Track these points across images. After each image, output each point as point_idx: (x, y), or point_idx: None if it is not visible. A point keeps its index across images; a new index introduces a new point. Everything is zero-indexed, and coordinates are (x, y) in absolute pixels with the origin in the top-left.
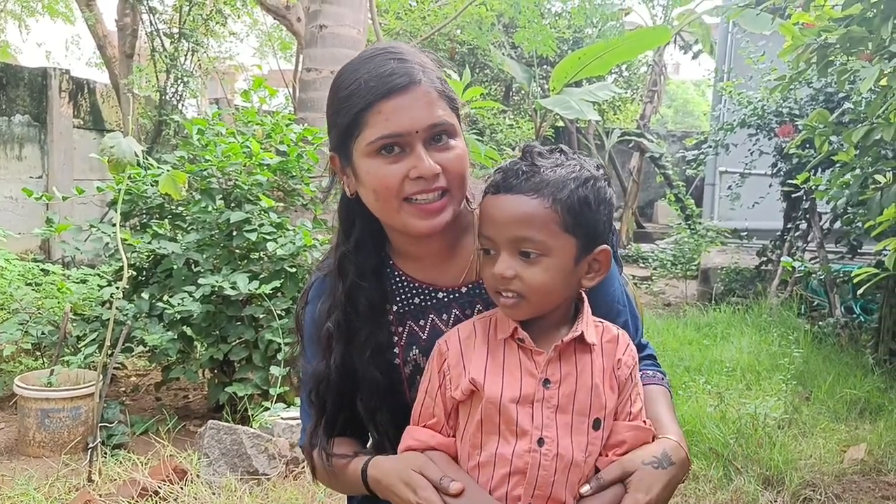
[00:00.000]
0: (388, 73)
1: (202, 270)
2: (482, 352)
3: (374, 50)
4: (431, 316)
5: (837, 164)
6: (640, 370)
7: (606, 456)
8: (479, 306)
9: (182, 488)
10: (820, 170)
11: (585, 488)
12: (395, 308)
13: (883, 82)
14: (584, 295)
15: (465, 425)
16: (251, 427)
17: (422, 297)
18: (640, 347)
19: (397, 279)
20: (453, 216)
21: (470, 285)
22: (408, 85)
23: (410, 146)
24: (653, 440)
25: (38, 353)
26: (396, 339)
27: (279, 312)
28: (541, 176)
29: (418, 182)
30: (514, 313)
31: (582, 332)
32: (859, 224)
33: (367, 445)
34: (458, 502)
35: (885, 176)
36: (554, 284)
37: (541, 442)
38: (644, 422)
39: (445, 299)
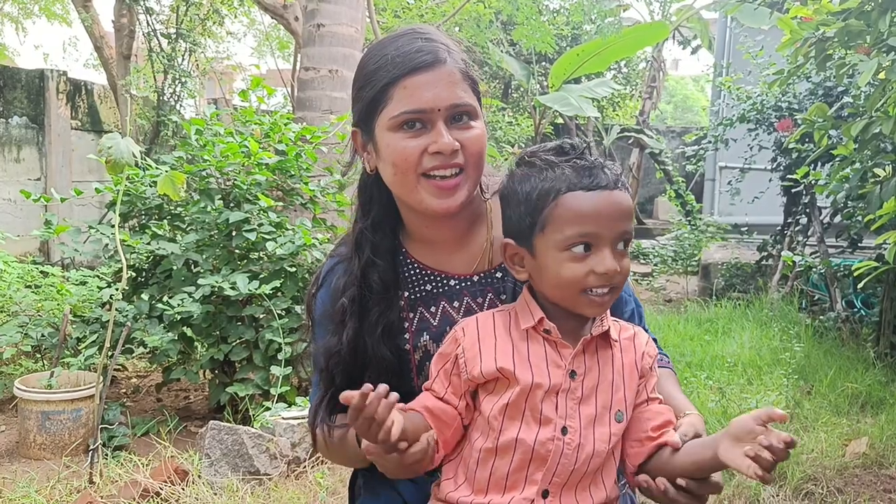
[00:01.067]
0: (415, 50)
1: (202, 271)
2: (505, 341)
3: (402, 30)
4: (443, 303)
5: (837, 158)
6: None
7: (653, 439)
8: (490, 294)
9: (183, 489)
10: (819, 164)
11: (675, 437)
12: (406, 294)
13: (881, 76)
14: None
15: (486, 408)
16: (252, 427)
17: (433, 284)
18: None
19: (409, 266)
20: (468, 197)
21: (482, 274)
22: (433, 63)
23: (432, 122)
24: None
25: (38, 356)
26: (407, 325)
27: (279, 312)
28: (619, 172)
29: (436, 157)
30: (602, 309)
31: (609, 328)
32: (859, 218)
33: None
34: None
35: (884, 169)
36: None
37: (564, 431)
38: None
39: (457, 287)
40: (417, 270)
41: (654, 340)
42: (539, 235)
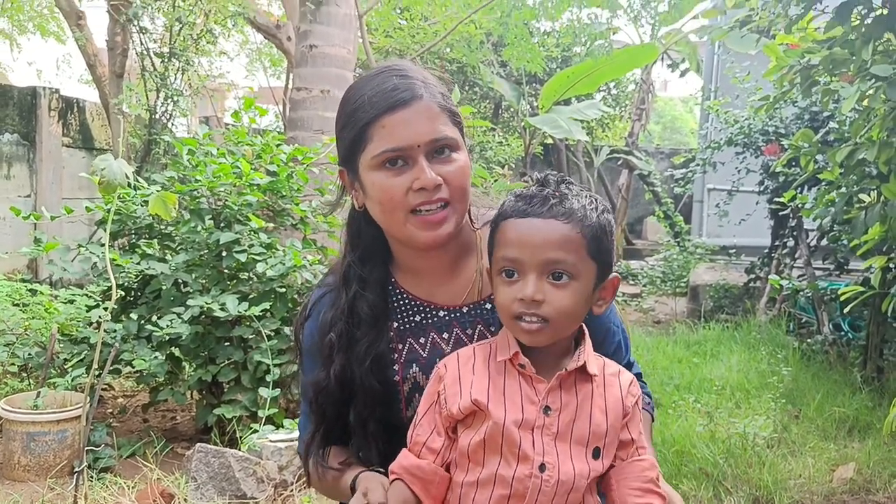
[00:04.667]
0: (391, 88)
1: (191, 291)
2: (483, 375)
3: (379, 68)
4: (432, 334)
5: (823, 183)
6: None
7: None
8: (479, 326)
9: None
10: (806, 188)
11: None
12: (395, 325)
13: (865, 102)
14: (584, 328)
15: (464, 442)
16: (239, 450)
17: (422, 314)
18: (628, 366)
19: (399, 296)
20: (456, 229)
21: (471, 305)
22: (410, 100)
23: (413, 159)
24: None
25: (25, 375)
26: (396, 356)
27: (268, 333)
28: (569, 203)
29: (421, 193)
30: (535, 339)
31: (584, 363)
32: (845, 242)
33: (360, 453)
34: None
35: (869, 195)
36: (577, 309)
37: (542, 468)
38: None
39: (446, 318)
40: (407, 301)
41: (640, 376)
42: (492, 259)
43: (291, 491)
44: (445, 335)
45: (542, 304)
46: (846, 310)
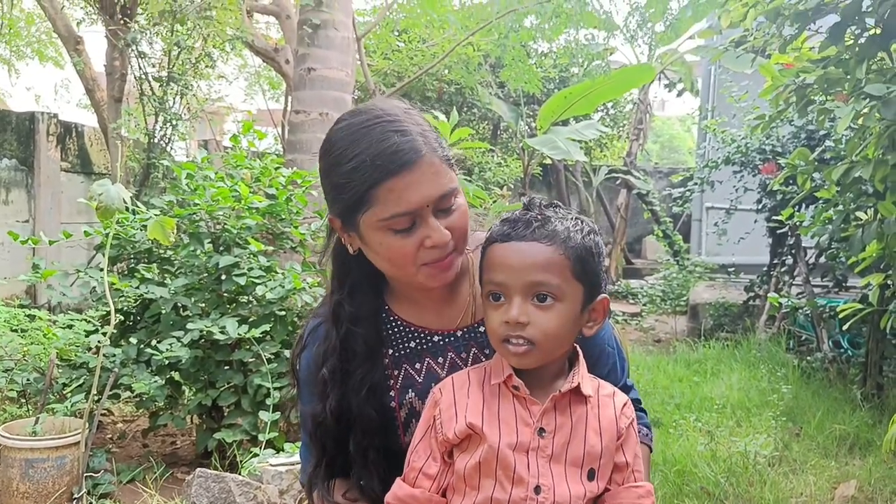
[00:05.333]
0: (394, 149)
1: (190, 315)
2: (477, 398)
3: (369, 117)
4: (427, 359)
5: (820, 201)
6: None
7: None
8: (473, 349)
9: None
10: (804, 206)
11: None
12: (390, 352)
13: (860, 121)
14: (577, 349)
15: (459, 466)
16: (240, 474)
17: (417, 340)
18: (626, 389)
19: (393, 324)
20: (460, 264)
21: (465, 328)
22: (415, 161)
23: (422, 217)
24: None
25: (23, 401)
26: (392, 382)
27: (268, 356)
28: (552, 225)
29: (433, 251)
30: (523, 361)
31: (578, 384)
32: (843, 259)
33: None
34: None
35: (866, 213)
36: (564, 330)
37: (538, 490)
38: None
39: (441, 343)
40: (401, 328)
41: (638, 402)
42: (482, 284)
43: None
44: (440, 360)
45: (527, 327)
46: (845, 327)
